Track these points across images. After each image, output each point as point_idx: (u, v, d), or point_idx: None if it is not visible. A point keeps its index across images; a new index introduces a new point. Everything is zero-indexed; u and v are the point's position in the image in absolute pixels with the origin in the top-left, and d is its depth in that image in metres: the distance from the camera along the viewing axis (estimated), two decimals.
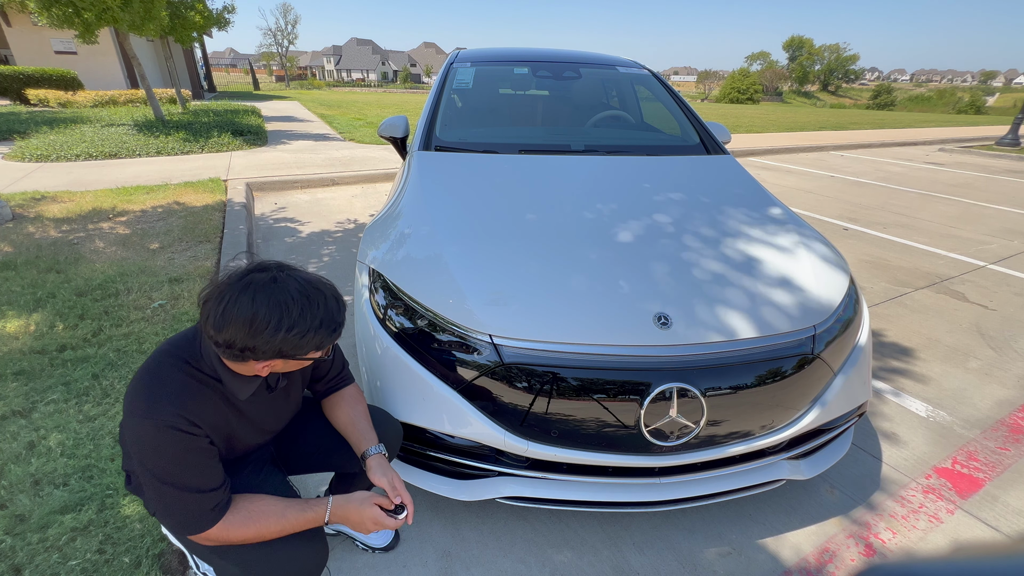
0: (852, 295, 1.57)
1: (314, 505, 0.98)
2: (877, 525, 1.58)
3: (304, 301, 0.86)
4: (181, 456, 0.87)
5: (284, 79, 57.81)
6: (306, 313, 0.86)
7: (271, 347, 0.84)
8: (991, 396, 2.27)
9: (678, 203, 1.86)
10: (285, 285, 0.85)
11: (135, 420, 0.86)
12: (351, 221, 4.45)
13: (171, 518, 0.92)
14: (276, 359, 0.88)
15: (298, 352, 0.89)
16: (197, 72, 19.35)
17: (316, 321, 0.87)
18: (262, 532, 0.93)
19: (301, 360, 0.92)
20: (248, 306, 0.82)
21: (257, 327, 0.82)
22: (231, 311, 0.82)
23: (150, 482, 0.88)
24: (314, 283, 0.90)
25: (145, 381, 0.89)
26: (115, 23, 6.75)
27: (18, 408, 1.84)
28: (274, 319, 0.83)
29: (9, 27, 13.84)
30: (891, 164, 8.99)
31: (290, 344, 0.85)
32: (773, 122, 16.32)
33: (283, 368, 0.94)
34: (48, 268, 3.01)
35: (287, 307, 0.84)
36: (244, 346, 0.83)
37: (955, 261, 4.00)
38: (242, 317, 0.81)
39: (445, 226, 1.63)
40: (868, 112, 32.96)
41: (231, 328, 0.82)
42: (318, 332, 0.87)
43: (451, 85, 2.70)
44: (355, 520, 1.00)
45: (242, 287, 0.83)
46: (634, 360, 1.23)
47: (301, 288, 0.87)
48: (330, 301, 0.90)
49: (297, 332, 0.85)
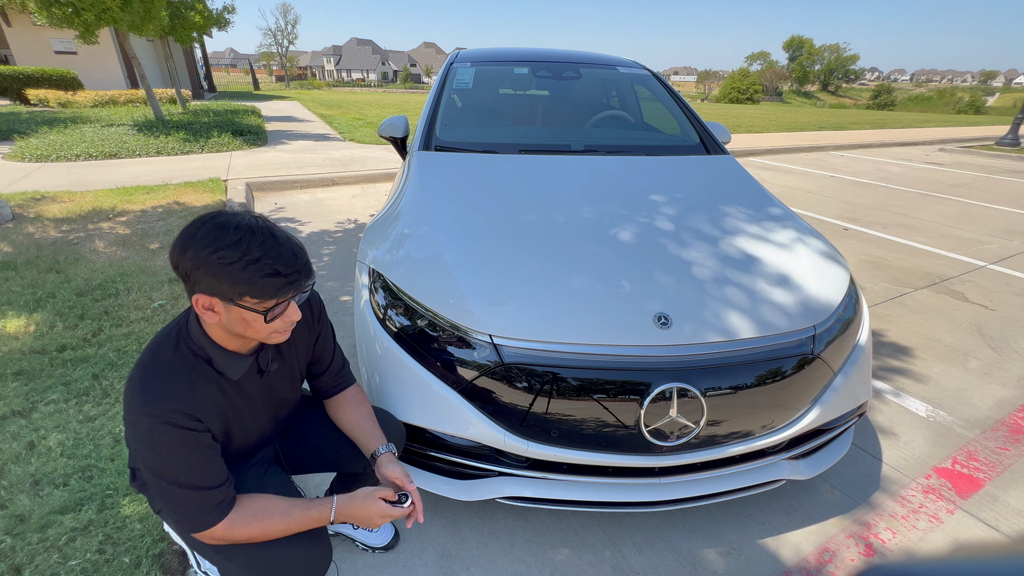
0: (852, 295, 1.57)
1: (319, 504, 0.98)
2: (877, 525, 1.58)
3: (264, 236, 0.84)
4: (182, 452, 0.87)
5: (284, 79, 57.85)
6: (254, 244, 0.83)
7: (199, 269, 0.82)
8: (991, 396, 2.27)
9: (678, 203, 1.86)
10: (254, 222, 0.85)
11: (133, 416, 0.85)
12: (351, 221, 4.45)
13: (175, 516, 0.91)
14: (213, 296, 0.84)
15: (232, 290, 0.83)
16: (197, 72, 19.36)
17: (265, 256, 0.83)
18: (267, 531, 0.93)
19: (245, 310, 0.85)
20: (202, 227, 0.83)
21: (191, 242, 0.82)
22: (192, 231, 0.83)
23: (153, 479, 0.88)
24: (286, 234, 0.89)
25: (141, 374, 0.88)
26: (115, 23, 6.74)
27: (18, 408, 1.84)
28: (212, 237, 0.82)
29: (9, 27, 13.83)
30: (891, 164, 8.99)
31: (220, 271, 0.81)
32: (773, 122, 16.32)
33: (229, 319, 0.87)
34: (48, 268, 3.01)
35: (238, 234, 0.83)
36: (181, 268, 0.83)
37: (955, 261, 4.00)
38: (202, 236, 0.82)
39: (445, 226, 1.63)
40: (868, 112, 32.96)
41: (177, 246, 0.83)
42: (257, 267, 0.83)
43: (451, 85, 2.70)
44: (361, 516, 0.99)
45: (208, 218, 0.84)
46: (634, 360, 1.23)
47: (270, 230, 0.86)
48: (290, 251, 0.87)
49: (231, 257, 0.81)
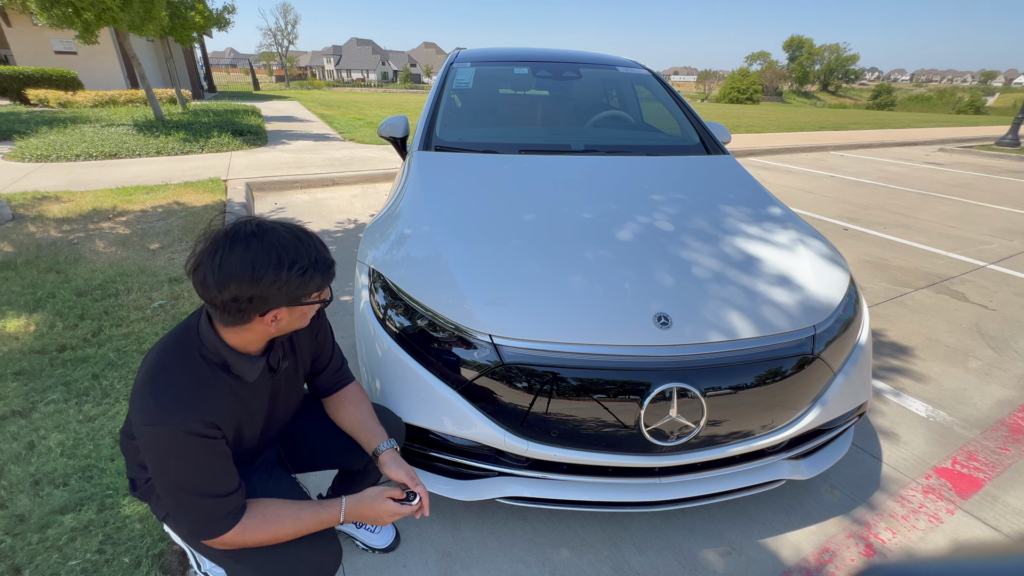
0: (852, 295, 1.57)
1: (328, 506, 0.99)
2: (877, 525, 1.58)
3: (295, 241, 0.86)
4: (201, 462, 0.86)
5: (284, 79, 57.82)
6: (301, 250, 0.86)
7: (276, 290, 0.83)
8: (991, 396, 2.27)
9: (678, 203, 1.86)
10: (274, 231, 0.85)
11: (149, 427, 0.83)
12: (351, 221, 4.45)
13: (187, 523, 0.91)
14: (282, 306, 0.87)
15: (302, 293, 0.87)
16: (197, 72, 19.35)
17: (312, 258, 0.87)
18: (278, 535, 0.93)
19: (307, 305, 0.91)
20: (244, 255, 0.81)
21: (258, 271, 0.81)
22: (228, 264, 0.80)
23: (166, 488, 0.87)
24: (297, 228, 0.90)
25: (152, 385, 0.86)
26: (115, 23, 6.74)
27: (18, 408, 1.84)
28: (273, 260, 0.82)
29: (9, 27, 13.83)
30: (891, 164, 8.99)
31: (294, 284, 0.84)
32: (773, 122, 16.33)
33: (288, 321, 0.91)
34: (48, 268, 3.01)
35: (283, 247, 0.84)
36: (250, 296, 0.82)
37: (955, 261, 4.00)
38: (242, 266, 0.80)
39: (445, 226, 1.63)
40: (868, 112, 32.96)
41: (233, 281, 0.80)
42: (316, 268, 0.87)
43: (451, 85, 2.70)
44: (370, 516, 1.01)
45: (230, 241, 0.82)
46: (634, 360, 1.23)
47: (289, 231, 0.87)
48: (316, 241, 0.90)
49: (298, 268, 0.84)
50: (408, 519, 1.53)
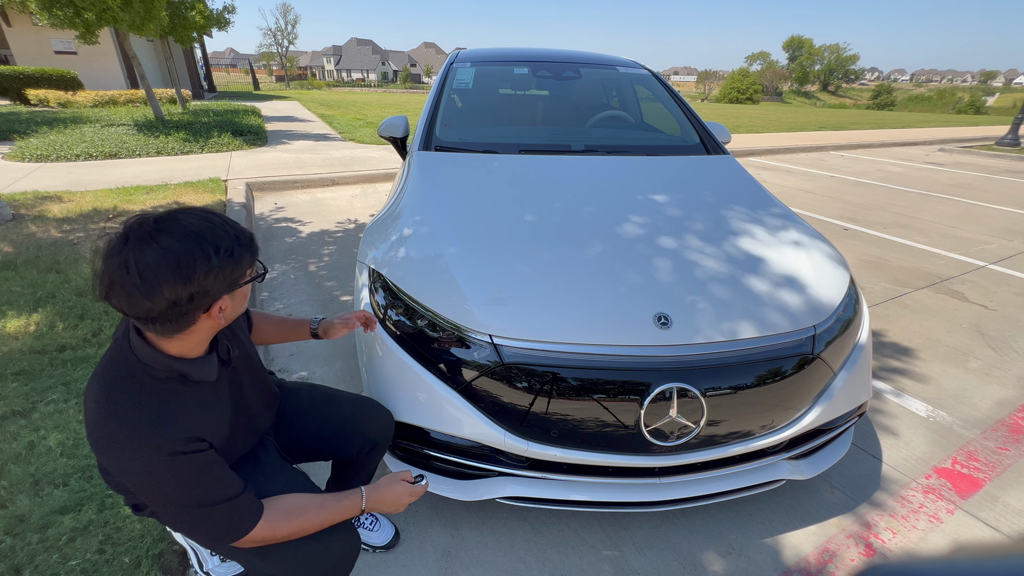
0: (852, 295, 1.57)
1: (349, 496, 1.00)
2: (877, 525, 1.58)
3: (208, 224, 0.79)
4: (198, 476, 0.84)
5: (284, 79, 57.83)
6: (218, 232, 0.79)
7: (213, 280, 0.78)
8: (991, 396, 2.27)
9: (678, 203, 1.86)
10: (178, 220, 0.78)
11: (131, 461, 0.79)
12: (351, 221, 4.45)
13: (208, 533, 0.90)
14: (223, 294, 0.82)
15: (239, 275, 0.83)
16: (197, 72, 19.35)
17: (233, 235, 0.81)
18: (305, 526, 0.93)
19: (245, 285, 0.87)
20: (161, 254, 0.73)
21: (186, 267, 0.74)
22: (147, 269, 0.72)
23: (176, 513, 0.85)
24: (199, 209, 0.83)
25: (116, 417, 0.79)
26: (115, 23, 6.74)
27: (18, 408, 1.84)
28: (196, 250, 0.75)
29: (9, 27, 13.83)
30: (891, 164, 8.99)
31: (228, 268, 0.80)
32: (773, 122, 16.32)
33: (233, 307, 0.87)
34: (48, 268, 3.01)
35: (199, 235, 0.77)
36: (189, 294, 0.75)
37: (955, 261, 4.00)
38: (164, 267, 0.73)
39: (445, 226, 1.63)
40: (868, 112, 32.96)
41: (164, 286, 0.73)
42: (241, 245, 0.82)
43: (451, 85, 2.70)
44: (389, 499, 1.04)
45: (137, 244, 0.73)
46: (634, 360, 1.23)
47: (195, 216, 0.80)
48: (225, 218, 0.84)
49: (225, 251, 0.79)
50: (406, 513, 1.53)
